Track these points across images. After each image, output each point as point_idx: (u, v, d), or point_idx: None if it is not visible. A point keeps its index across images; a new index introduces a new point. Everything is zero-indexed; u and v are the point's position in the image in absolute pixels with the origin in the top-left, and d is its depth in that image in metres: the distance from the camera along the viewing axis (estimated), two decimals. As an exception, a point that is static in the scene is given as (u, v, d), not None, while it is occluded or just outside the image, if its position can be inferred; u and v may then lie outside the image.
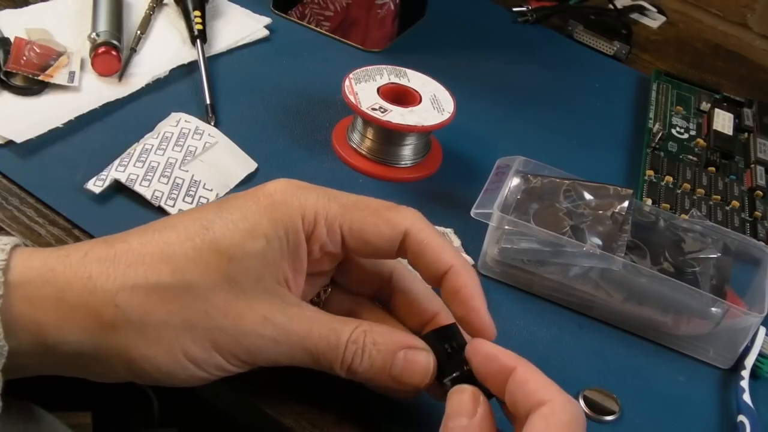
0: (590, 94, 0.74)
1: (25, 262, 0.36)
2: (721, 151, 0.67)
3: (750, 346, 0.51)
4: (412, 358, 0.38)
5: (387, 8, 0.70)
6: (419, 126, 0.57)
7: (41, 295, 0.35)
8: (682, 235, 0.54)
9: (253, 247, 0.37)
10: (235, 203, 0.39)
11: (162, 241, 0.37)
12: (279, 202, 0.38)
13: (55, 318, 0.35)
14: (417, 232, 0.40)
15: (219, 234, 0.37)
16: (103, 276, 0.36)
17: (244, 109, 0.62)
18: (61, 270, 0.36)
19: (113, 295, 0.35)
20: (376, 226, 0.40)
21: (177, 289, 0.36)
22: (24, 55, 0.59)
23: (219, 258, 0.36)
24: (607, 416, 0.47)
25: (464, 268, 0.40)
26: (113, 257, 0.36)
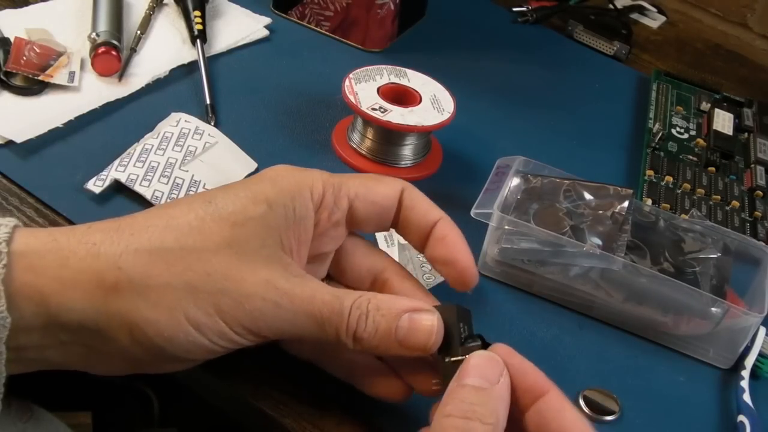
0: (590, 94, 0.74)
1: (29, 233, 0.36)
2: (721, 151, 0.67)
3: (750, 346, 0.51)
4: (417, 319, 0.38)
5: (387, 8, 0.70)
6: (419, 126, 0.57)
7: (45, 264, 0.35)
8: (682, 235, 0.54)
9: (254, 212, 0.38)
10: (240, 182, 0.40)
11: (166, 214, 0.38)
12: (284, 175, 0.40)
13: (58, 285, 0.35)
14: (410, 190, 0.43)
15: (221, 205, 0.38)
16: (107, 242, 0.36)
17: (244, 109, 0.62)
18: (65, 239, 0.36)
19: (116, 258, 0.36)
20: (378, 187, 0.42)
21: (180, 252, 0.36)
22: (24, 55, 0.59)
23: (221, 224, 0.37)
24: (607, 416, 0.47)
25: (450, 221, 0.43)
26: (117, 227, 0.37)
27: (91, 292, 0.35)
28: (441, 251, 0.42)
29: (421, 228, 0.42)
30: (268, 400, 0.43)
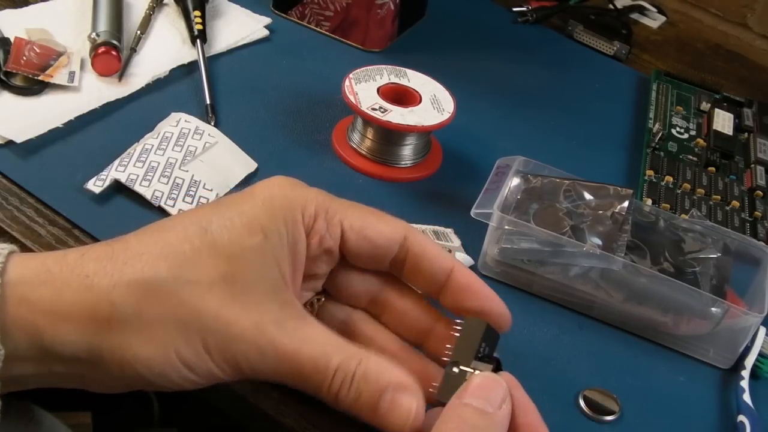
0: (590, 94, 0.74)
1: (22, 263, 0.36)
2: (721, 151, 0.67)
3: (750, 346, 0.51)
4: (398, 399, 0.36)
5: (387, 8, 0.70)
6: (419, 126, 0.57)
7: (38, 296, 0.35)
8: (682, 235, 0.54)
9: (250, 243, 0.36)
10: (233, 200, 0.38)
11: (161, 240, 0.37)
12: (278, 195, 0.38)
13: (52, 318, 0.35)
14: (416, 236, 0.40)
15: (217, 234, 0.36)
16: (99, 273, 0.35)
17: (244, 109, 0.62)
18: (57, 270, 0.35)
19: (109, 291, 0.35)
20: (377, 224, 0.40)
21: (173, 285, 0.35)
22: (24, 55, 0.59)
23: (217, 257, 0.36)
24: (607, 416, 0.47)
25: (465, 268, 0.40)
26: (111, 255, 0.36)
27: (85, 325, 0.35)
28: (471, 303, 0.40)
29: (435, 276, 0.40)
30: (268, 400, 0.43)
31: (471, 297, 0.40)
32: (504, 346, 0.49)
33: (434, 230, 0.54)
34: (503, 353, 0.48)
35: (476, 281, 0.40)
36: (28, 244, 0.49)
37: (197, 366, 0.36)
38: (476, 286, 0.40)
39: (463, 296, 0.40)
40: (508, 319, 0.41)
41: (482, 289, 0.40)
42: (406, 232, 0.40)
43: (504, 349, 0.49)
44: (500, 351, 0.45)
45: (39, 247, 0.49)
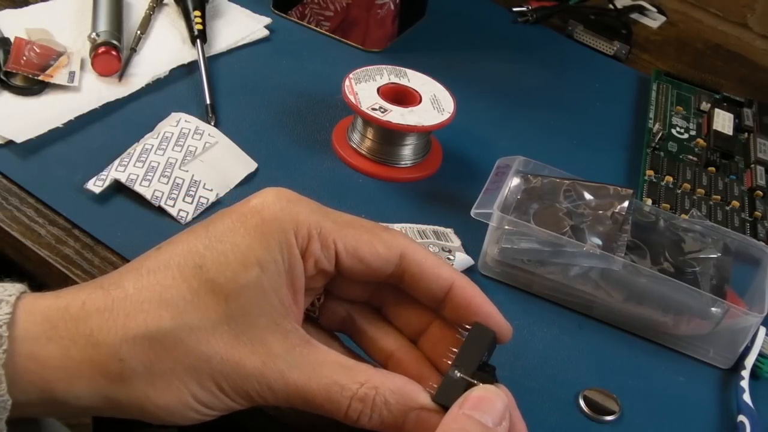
0: (590, 94, 0.74)
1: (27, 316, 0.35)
2: (721, 151, 0.67)
3: (750, 346, 0.51)
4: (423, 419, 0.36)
5: (387, 8, 0.70)
6: (419, 126, 0.57)
7: (46, 353, 0.35)
8: (682, 235, 0.54)
9: (247, 279, 0.36)
10: (223, 227, 0.37)
11: (158, 284, 0.36)
12: (268, 219, 0.37)
13: (63, 375, 0.35)
14: (413, 252, 0.39)
15: (213, 271, 0.36)
16: (104, 330, 0.35)
17: (244, 109, 0.62)
18: (62, 326, 0.35)
19: (117, 349, 0.35)
20: (372, 245, 0.39)
21: (178, 334, 0.35)
22: (24, 55, 0.59)
23: (216, 298, 0.36)
24: (607, 416, 0.47)
25: (466, 281, 0.40)
26: (111, 307, 0.36)
27: (97, 381, 0.35)
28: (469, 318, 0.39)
29: (433, 294, 0.40)
30: (268, 400, 0.43)
31: (470, 314, 0.39)
32: (504, 346, 0.49)
33: (434, 230, 0.54)
34: (504, 353, 0.48)
35: (475, 298, 0.39)
36: (28, 244, 0.49)
37: (215, 404, 0.37)
38: (475, 304, 0.39)
39: (463, 313, 0.39)
40: (509, 333, 0.40)
41: (482, 307, 0.39)
42: (403, 250, 0.39)
43: (504, 349, 0.49)
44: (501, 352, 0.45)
45: (39, 247, 0.49)
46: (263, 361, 0.36)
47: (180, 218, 0.52)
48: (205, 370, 0.36)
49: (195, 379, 0.36)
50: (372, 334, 0.42)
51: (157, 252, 0.37)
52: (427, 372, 0.41)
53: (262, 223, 0.37)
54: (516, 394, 0.38)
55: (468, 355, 0.38)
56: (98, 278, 0.38)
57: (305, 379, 0.36)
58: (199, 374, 0.36)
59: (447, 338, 0.40)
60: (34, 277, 0.50)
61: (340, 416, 0.37)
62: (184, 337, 0.35)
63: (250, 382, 0.36)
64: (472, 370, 0.37)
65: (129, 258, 0.49)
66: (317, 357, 0.37)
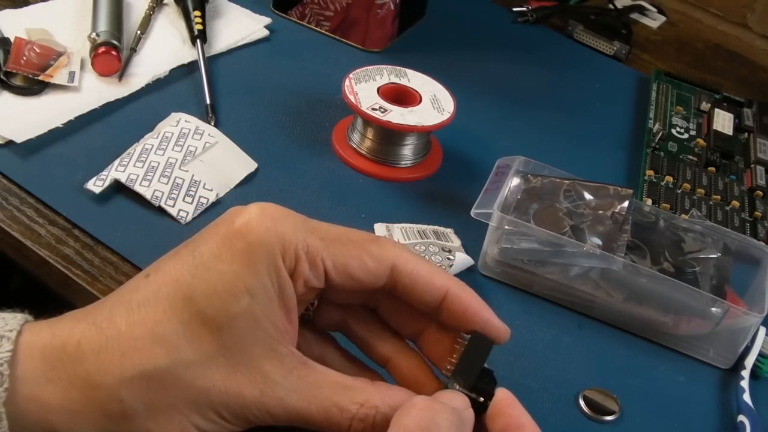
0: (590, 94, 0.74)
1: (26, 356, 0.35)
2: (721, 151, 0.67)
3: (750, 346, 0.51)
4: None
5: (387, 8, 0.70)
6: (419, 126, 0.57)
7: (47, 396, 0.35)
8: (682, 235, 0.54)
9: (238, 309, 0.35)
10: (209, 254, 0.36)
11: (150, 319, 0.36)
12: (254, 243, 0.36)
13: (65, 417, 0.35)
14: (404, 263, 0.39)
15: (203, 303, 0.35)
16: (101, 371, 0.35)
17: (244, 109, 0.62)
18: (60, 368, 0.35)
19: (116, 390, 0.35)
20: (361, 260, 0.38)
21: (174, 371, 0.35)
22: (24, 55, 0.59)
23: (209, 331, 0.35)
24: (607, 416, 0.47)
25: (461, 287, 0.39)
26: (106, 347, 0.35)
27: (99, 420, 0.35)
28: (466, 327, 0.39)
29: (427, 301, 0.39)
30: (268, 400, 0.43)
31: (467, 322, 0.39)
32: (505, 347, 0.49)
33: (434, 230, 0.54)
34: (504, 353, 0.48)
35: (472, 305, 0.39)
36: (28, 244, 0.49)
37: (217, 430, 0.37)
38: (471, 312, 0.39)
39: (459, 321, 0.39)
40: (506, 336, 0.40)
41: (478, 314, 0.39)
42: (394, 262, 0.38)
43: (504, 349, 0.49)
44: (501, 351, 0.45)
45: (39, 247, 0.49)
46: (261, 389, 0.36)
47: (180, 218, 0.52)
48: (205, 402, 0.36)
49: (196, 411, 0.36)
50: (368, 339, 0.42)
51: (146, 281, 0.37)
52: (425, 377, 0.40)
53: (247, 247, 0.36)
54: (516, 394, 0.38)
55: (466, 367, 0.38)
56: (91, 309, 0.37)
57: (305, 403, 0.36)
58: (199, 407, 0.36)
59: (445, 339, 0.40)
60: (34, 277, 0.50)
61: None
62: (181, 374, 0.35)
63: (249, 410, 0.36)
64: (470, 382, 0.37)
65: (129, 258, 0.49)
66: (315, 379, 0.37)
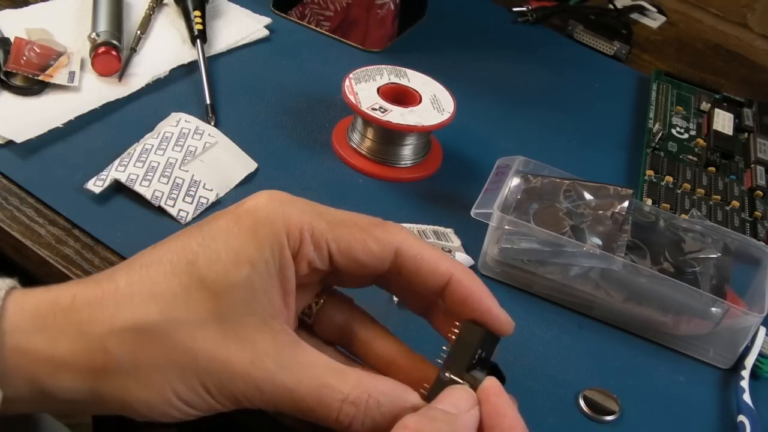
0: (590, 94, 0.74)
1: (16, 309, 0.36)
2: (721, 151, 0.67)
3: (750, 346, 0.51)
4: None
5: (387, 8, 0.70)
6: (419, 126, 0.57)
7: (33, 346, 0.35)
8: (682, 235, 0.54)
9: (237, 277, 0.36)
10: (218, 227, 0.37)
11: (149, 279, 0.36)
12: (262, 220, 0.37)
13: (50, 367, 0.35)
14: (408, 248, 0.39)
15: (204, 268, 0.36)
16: (92, 321, 0.35)
17: (244, 109, 0.62)
18: (51, 318, 0.35)
19: (103, 340, 0.35)
20: (366, 244, 0.38)
21: (165, 328, 0.35)
22: (24, 55, 0.59)
23: (206, 294, 0.35)
24: (607, 416, 0.47)
25: (465, 274, 0.39)
26: (101, 299, 0.36)
27: (83, 373, 0.35)
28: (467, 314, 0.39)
29: (431, 286, 0.39)
30: (268, 400, 0.43)
31: (468, 309, 0.39)
32: (504, 347, 0.49)
33: (434, 230, 0.54)
34: (504, 354, 0.48)
35: (474, 292, 0.39)
36: (28, 244, 0.49)
37: (197, 404, 0.36)
38: (474, 298, 0.39)
39: (461, 308, 0.39)
40: (509, 326, 0.39)
41: (481, 302, 0.39)
42: (398, 246, 0.39)
43: (504, 349, 0.49)
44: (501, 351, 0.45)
45: (39, 247, 0.49)
46: (251, 360, 0.35)
47: (180, 218, 0.52)
48: (191, 367, 0.35)
49: (179, 375, 0.35)
50: (369, 341, 0.41)
51: (152, 249, 0.37)
52: (430, 373, 0.40)
53: (255, 223, 0.37)
54: (516, 394, 0.38)
55: (458, 355, 0.38)
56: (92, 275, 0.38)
57: (295, 380, 0.36)
58: (183, 371, 0.35)
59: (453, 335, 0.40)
60: (34, 277, 0.50)
61: (330, 421, 0.36)
62: (171, 332, 0.35)
63: (236, 383, 0.36)
64: (461, 370, 0.37)
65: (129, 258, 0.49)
66: (308, 358, 0.36)
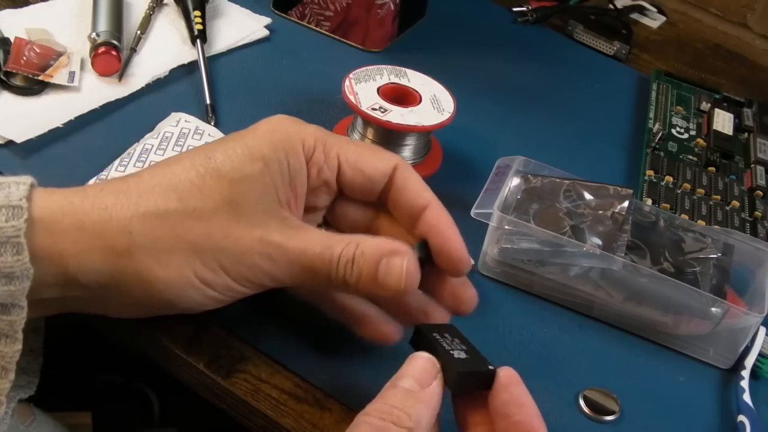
0: (590, 94, 0.74)
1: (45, 195, 0.38)
2: (721, 151, 0.67)
3: (750, 346, 0.51)
4: (391, 262, 0.40)
5: (387, 8, 0.70)
6: (419, 126, 0.57)
7: (62, 227, 0.37)
8: (682, 235, 0.54)
9: (251, 170, 0.40)
10: (238, 134, 0.42)
11: (169, 172, 0.40)
12: (279, 129, 0.41)
13: (76, 248, 0.37)
14: (403, 170, 0.43)
15: (220, 161, 0.40)
16: (117, 206, 0.38)
17: (244, 109, 0.62)
18: (79, 202, 0.38)
19: (127, 222, 0.38)
20: (371, 158, 0.43)
21: (183, 214, 0.39)
22: (24, 55, 0.59)
23: (219, 182, 0.39)
24: (607, 416, 0.47)
25: (440, 207, 0.43)
26: (126, 189, 0.39)
27: (106, 254, 0.38)
28: (432, 240, 0.42)
29: (411, 211, 0.43)
30: (268, 400, 0.44)
31: (433, 235, 0.42)
32: (504, 346, 0.49)
33: (434, 230, 0.55)
34: (504, 353, 0.48)
35: (443, 222, 0.42)
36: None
37: (216, 283, 0.40)
38: (442, 227, 0.42)
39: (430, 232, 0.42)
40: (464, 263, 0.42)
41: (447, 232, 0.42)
42: (397, 164, 0.43)
43: (504, 349, 0.49)
44: (501, 351, 0.45)
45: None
46: (260, 237, 0.39)
47: (180, 218, 0.52)
48: (207, 247, 0.39)
49: (197, 255, 0.39)
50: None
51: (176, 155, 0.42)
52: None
53: (272, 131, 0.41)
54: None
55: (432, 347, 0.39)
56: None
57: (302, 246, 0.40)
58: (200, 251, 0.39)
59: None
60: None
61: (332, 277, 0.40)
62: (187, 216, 0.39)
63: (250, 257, 0.39)
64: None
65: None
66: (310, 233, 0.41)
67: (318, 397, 0.44)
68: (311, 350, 0.46)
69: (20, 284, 0.36)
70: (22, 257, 0.36)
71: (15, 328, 0.37)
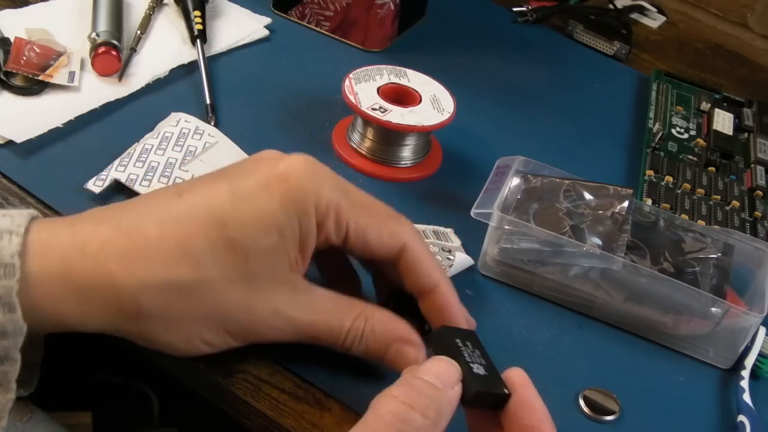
0: (590, 94, 0.74)
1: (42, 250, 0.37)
2: (721, 151, 0.67)
3: (750, 346, 0.51)
4: (403, 351, 0.41)
5: (387, 8, 0.70)
6: (419, 126, 0.57)
7: (62, 293, 0.37)
8: (682, 235, 0.54)
9: (267, 243, 0.38)
10: (247, 188, 0.39)
11: (180, 234, 0.38)
12: (294, 189, 0.39)
13: (78, 311, 0.37)
14: (413, 248, 0.42)
15: (234, 230, 0.38)
16: (123, 273, 0.37)
17: (244, 109, 0.62)
18: (79, 265, 0.37)
19: (136, 293, 0.37)
20: (380, 233, 0.42)
21: (196, 285, 0.38)
22: (24, 55, 0.59)
23: (235, 256, 0.38)
24: (607, 416, 0.47)
25: (449, 288, 0.43)
26: (131, 252, 0.37)
27: (112, 316, 0.38)
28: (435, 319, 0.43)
29: (418, 287, 0.43)
30: (268, 400, 0.44)
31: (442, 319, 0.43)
32: (504, 346, 0.49)
33: (434, 230, 0.54)
34: (504, 353, 0.48)
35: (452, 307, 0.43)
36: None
37: (218, 344, 0.40)
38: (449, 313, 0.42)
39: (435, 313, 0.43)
40: None
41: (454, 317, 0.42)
42: (405, 243, 0.42)
43: (504, 349, 0.49)
44: (501, 351, 0.45)
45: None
46: (274, 310, 0.40)
47: (180, 218, 0.52)
48: (219, 317, 0.39)
49: (206, 324, 0.39)
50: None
51: (177, 200, 0.39)
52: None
53: (288, 191, 0.39)
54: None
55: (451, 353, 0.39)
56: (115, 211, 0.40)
57: (311, 320, 0.40)
58: (211, 320, 0.39)
59: None
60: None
61: (338, 345, 0.41)
62: (202, 288, 0.38)
63: (260, 328, 0.40)
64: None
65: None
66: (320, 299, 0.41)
67: (318, 397, 0.44)
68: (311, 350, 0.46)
69: (13, 340, 0.35)
70: (14, 315, 0.35)
71: (8, 379, 0.36)
